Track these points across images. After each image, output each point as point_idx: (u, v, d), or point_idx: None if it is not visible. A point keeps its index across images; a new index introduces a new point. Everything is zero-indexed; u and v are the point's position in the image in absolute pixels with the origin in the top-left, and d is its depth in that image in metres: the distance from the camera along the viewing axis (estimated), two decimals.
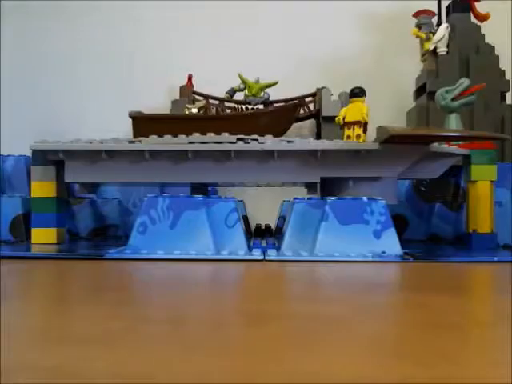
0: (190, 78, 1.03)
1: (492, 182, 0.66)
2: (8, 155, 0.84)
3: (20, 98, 1.19)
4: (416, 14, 1.01)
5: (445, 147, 0.69)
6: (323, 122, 1.00)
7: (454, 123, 0.76)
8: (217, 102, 1.02)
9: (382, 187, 0.66)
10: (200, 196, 0.59)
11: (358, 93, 0.69)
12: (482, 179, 0.66)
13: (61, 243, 0.70)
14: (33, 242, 0.69)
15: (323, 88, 1.01)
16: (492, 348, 0.22)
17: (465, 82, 0.77)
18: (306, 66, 1.14)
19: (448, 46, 0.97)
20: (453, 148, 0.69)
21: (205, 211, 0.58)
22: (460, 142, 0.72)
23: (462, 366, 0.19)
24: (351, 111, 0.69)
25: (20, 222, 0.77)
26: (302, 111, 1.03)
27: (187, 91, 1.01)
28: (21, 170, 0.81)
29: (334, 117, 0.98)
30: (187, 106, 0.89)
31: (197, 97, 1.02)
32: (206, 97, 1.02)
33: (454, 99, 0.77)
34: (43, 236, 0.69)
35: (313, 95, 1.03)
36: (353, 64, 1.12)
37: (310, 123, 1.08)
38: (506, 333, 0.25)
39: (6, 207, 0.75)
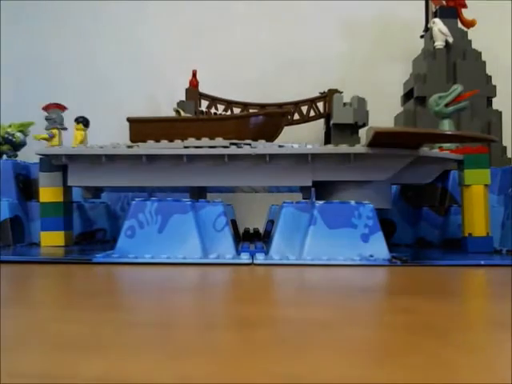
0: (194, 74, 1.01)
1: (486, 185, 0.67)
2: None
3: (7, 98, 1.18)
4: (46, 108, 0.88)
5: (437, 152, 0.69)
6: (334, 129, 0.99)
7: (447, 128, 0.77)
8: (224, 103, 1.01)
9: (375, 192, 0.67)
10: (188, 200, 0.59)
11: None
12: (476, 183, 0.67)
13: (68, 245, 0.72)
14: (42, 244, 0.71)
15: (335, 92, 1.00)
16: (479, 352, 0.22)
17: (458, 88, 0.78)
18: (292, 71, 1.15)
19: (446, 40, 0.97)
20: (445, 153, 0.69)
21: (193, 215, 0.58)
22: (453, 147, 0.73)
23: (448, 370, 0.19)
24: None
25: (7, 227, 0.76)
26: (312, 113, 1.02)
27: (194, 93, 0.99)
28: (8, 173, 0.80)
29: (345, 124, 0.98)
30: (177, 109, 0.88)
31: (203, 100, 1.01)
32: (213, 98, 1.01)
33: (447, 105, 0.78)
34: (52, 239, 0.71)
35: (324, 96, 1.02)
36: (341, 71, 1.12)
37: (301, 128, 1.07)
38: (493, 337, 0.25)
39: None
